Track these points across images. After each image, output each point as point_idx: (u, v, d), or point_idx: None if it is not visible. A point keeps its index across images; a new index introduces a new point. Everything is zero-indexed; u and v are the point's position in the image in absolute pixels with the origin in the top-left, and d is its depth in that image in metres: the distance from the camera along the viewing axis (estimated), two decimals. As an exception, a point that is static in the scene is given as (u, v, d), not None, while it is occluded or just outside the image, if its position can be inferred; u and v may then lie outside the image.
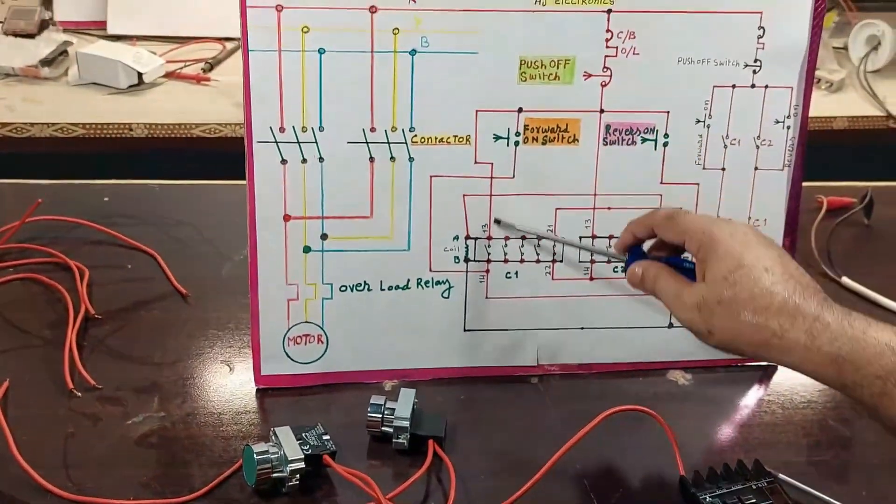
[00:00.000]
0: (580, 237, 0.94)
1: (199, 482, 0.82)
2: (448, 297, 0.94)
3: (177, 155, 1.71)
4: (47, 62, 1.76)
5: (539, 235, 0.93)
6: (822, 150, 1.20)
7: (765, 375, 0.98)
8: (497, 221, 0.93)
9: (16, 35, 1.86)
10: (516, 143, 0.91)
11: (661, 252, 0.82)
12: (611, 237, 0.94)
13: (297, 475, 0.80)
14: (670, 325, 0.97)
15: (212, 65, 1.82)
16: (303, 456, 0.80)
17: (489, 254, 0.94)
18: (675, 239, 0.78)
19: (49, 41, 1.81)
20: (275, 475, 0.80)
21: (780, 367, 0.98)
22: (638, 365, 0.98)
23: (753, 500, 0.79)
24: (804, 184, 0.97)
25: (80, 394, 0.91)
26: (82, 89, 1.72)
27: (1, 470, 0.81)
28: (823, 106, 1.75)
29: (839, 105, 1.78)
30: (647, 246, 0.84)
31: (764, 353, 0.72)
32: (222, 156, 1.33)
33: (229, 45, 1.89)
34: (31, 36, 1.86)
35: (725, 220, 0.77)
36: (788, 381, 0.97)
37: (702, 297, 0.74)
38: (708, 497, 0.79)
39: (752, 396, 0.95)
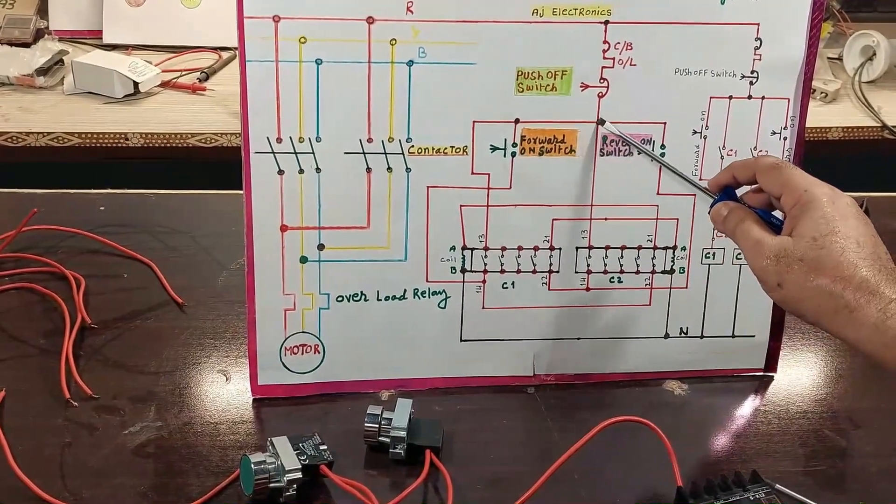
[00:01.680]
0: (577, 247, 0.94)
1: (196, 492, 0.82)
2: (444, 308, 0.94)
3: (172, 164, 1.71)
4: (43, 71, 1.76)
5: (643, 151, 0.91)
6: (817, 161, 1.20)
7: (760, 385, 0.98)
8: (601, 122, 0.91)
9: (11, 44, 1.87)
10: (513, 154, 0.91)
11: (751, 202, 0.80)
12: (607, 248, 0.94)
13: (295, 485, 0.80)
14: (666, 336, 0.97)
15: (207, 74, 1.82)
16: (300, 466, 0.80)
17: (486, 264, 0.94)
18: (774, 189, 0.77)
19: (44, 50, 1.81)
20: (272, 485, 0.80)
21: (775, 377, 0.98)
22: (634, 375, 0.98)
23: (751, 511, 0.79)
24: (800, 194, 0.97)
25: (76, 403, 0.90)
26: (78, 98, 1.73)
27: (-3, 480, 0.82)
28: (818, 116, 1.76)
29: (834, 115, 1.79)
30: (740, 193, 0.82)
31: (826, 322, 0.71)
32: (218, 165, 1.33)
33: (225, 55, 1.90)
34: (26, 45, 1.87)
35: (829, 187, 0.75)
36: (784, 391, 0.97)
37: (784, 249, 0.72)
38: (706, 507, 0.79)
39: (748, 406, 0.96)
